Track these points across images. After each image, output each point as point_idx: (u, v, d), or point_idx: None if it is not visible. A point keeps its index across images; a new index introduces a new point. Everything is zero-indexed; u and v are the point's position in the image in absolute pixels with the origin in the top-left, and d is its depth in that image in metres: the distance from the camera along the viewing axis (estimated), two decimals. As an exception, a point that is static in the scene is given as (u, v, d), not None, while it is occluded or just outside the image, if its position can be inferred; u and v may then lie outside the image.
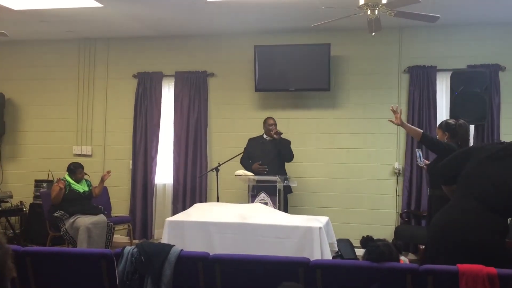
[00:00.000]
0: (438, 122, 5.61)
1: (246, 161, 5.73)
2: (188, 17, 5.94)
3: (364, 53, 6.32)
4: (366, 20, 4.62)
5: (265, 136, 5.78)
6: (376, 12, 4.40)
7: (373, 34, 4.88)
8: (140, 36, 6.82)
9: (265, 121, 5.82)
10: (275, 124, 5.74)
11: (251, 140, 5.84)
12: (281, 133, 5.64)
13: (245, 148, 5.81)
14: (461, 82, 5.54)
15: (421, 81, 6.09)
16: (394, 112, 4.24)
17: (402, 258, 2.89)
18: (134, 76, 6.90)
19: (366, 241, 2.74)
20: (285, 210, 5.39)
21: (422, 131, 4.24)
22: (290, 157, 5.73)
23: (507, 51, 5.97)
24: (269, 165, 5.54)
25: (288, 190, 5.55)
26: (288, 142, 5.75)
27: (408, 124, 4.52)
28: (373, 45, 6.21)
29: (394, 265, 2.62)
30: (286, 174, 5.54)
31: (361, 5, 4.39)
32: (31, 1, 5.37)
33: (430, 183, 4.67)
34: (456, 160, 3.08)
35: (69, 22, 6.20)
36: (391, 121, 4.27)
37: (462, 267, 2.45)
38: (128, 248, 2.96)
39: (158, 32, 6.65)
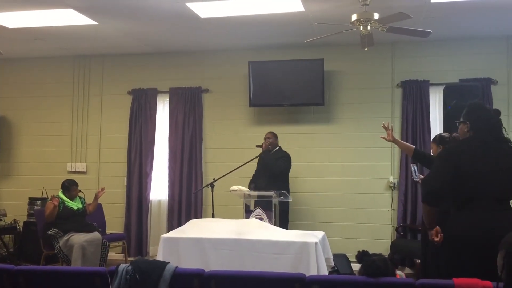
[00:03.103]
0: (432, 136, 5.66)
1: (251, 182, 5.70)
2: (183, 34, 5.98)
3: (358, 68, 6.37)
4: (359, 36, 4.67)
5: None
6: (369, 27, 4.45)
7: (366, 49, 4.93)
8: (135, 53, 6.86)
9: None
10: (269, 138, 5.69)
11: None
12: (261, 145, 5.59)
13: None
14: (454, 96, 5.60)
15: (414, 95, 6.13)
16: (386, 129, 4.27)
17: (399, 272, 2.89)
18: (129, 92, 6.91)
19: (362, 256, 2.73)
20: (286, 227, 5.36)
21: (414, 146, 4.27)
22: (274, 169, 5.49)
23: (499, 65, 6.03)
24: (261, 179, 5.53)
25: (283, 206, 5.41)
26: (280, 155, 5.63)
27: (400, 141, 4.55)
28: (366, 60, 6.27)
29: (390, 280, 2.61)
30: (278, 189, 5.19)
31: (353, 21, 4.45)
32: (26, 20, 5.39)
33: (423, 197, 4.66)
34: (446, 175, 2.84)
35: (63, 39, 6.22)
36: (384, 138, 4.30)
37: (458, 281, 2.44)
38: (122, 265, 2.93)
39: (153, 48, 6.69)
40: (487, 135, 2.89)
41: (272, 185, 5.31)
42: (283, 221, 5.36)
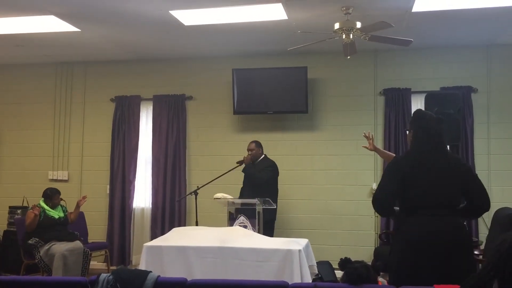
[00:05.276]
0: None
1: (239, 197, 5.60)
2: (166, 41, 5.97)
3: (341, 76, 6.43)
4: (342, 44, 4.72)
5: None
6: (351, 36, 4.51)
7: (349, 57, 4.97)
8: (118, 60, 6.82)
9: None
10: (252, 150, 5.63)
11: None
12: (242, 161, 5.54)
13: None
14: (435, 103, 5.65)
15: (396, 103, 6.20)
16: (367, 138, 4.30)
17: (381, 279, 2.90)
18: (112, 100, 6.86)
19: (345, 263, 2.73)
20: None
21: (394, 155, 4.30)
22: (257, 181, 5.49)
23: (479, 74, 6.14)
24: (248, 191, 5.51)
25: (270, 215, 5.37)
26: (265, 165, 5.60)
27: (381, 149, 4.59)
28: (349, 68, 6.33)
29: (372, 286, 2.62)
30: (260, 197, 5.11)
31: (336, 29, 4.50)
32: (7, 26, 5.33)
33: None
34: (391, 186, 2.96)
35: (46, 46, 6.17)
36: (365, 147, 4.34)
37: (439, 287, 2.47)
38: (103, 275, 2.89)
39: (136, 55, 6.66)
40: (427, 144, 2.95)
41: (258, 196, 5.19)
42: (268, 230, 5.34)
